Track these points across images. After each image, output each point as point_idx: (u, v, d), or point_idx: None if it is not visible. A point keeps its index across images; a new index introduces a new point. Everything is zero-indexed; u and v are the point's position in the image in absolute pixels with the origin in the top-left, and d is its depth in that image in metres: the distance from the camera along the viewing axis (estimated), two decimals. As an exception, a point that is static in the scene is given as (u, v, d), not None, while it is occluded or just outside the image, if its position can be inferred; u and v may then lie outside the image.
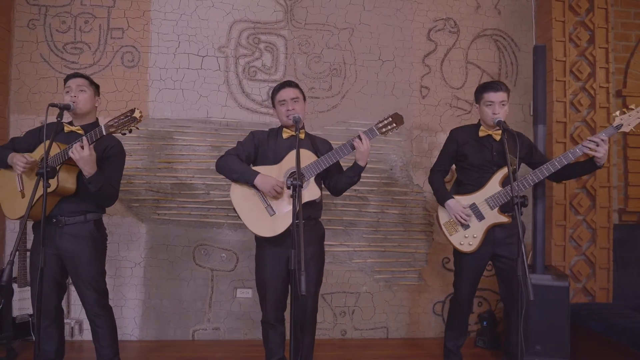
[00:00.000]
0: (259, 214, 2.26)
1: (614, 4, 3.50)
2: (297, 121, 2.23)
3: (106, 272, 2.38)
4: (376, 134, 2.31)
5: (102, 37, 3.33)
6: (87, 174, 2.11)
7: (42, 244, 1.92)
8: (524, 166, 2.66)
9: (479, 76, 3.59)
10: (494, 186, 2.50)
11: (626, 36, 3.56)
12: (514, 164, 2.28)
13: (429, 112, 3.54)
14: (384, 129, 2.31)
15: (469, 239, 2.52)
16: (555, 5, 3.35)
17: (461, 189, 2.63)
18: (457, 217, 2.51)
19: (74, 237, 2.23)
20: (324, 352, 3.09)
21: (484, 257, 2.56)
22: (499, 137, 2.51)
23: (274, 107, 2.45)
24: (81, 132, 2.26)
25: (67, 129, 2.27)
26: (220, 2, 3.41)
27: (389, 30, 3.53)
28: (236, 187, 2.32)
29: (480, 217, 2.51)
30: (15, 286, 2.93)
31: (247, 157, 2.39)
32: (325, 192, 2.45)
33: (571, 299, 3.08)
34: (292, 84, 2.41)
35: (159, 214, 3.30)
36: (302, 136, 2.30)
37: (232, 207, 2.33)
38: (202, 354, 3.07)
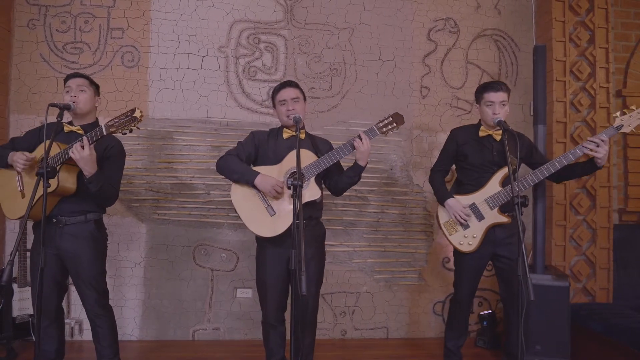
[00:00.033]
0: (260, 214, 2.26)
1: (614, 4, 3.51)
2: (297, 121, 2.23)
3: (106, 272, 2.38)
4: (376, 134, 2.30)
5: (102, 37, 3.33)
6: (87, 173, 2.11)
7: (43, 244, 1.91)
8: (524, 166, 2.66)
9: (479, 76, 3.59)
10: (494, 186, 2.50)
11: (626, 36, 3.56)
12: (514, 164, 2.27)
13: (429, 112, 3.54)
14: (384, 129, 2.30)
15: (469, 239, 2.52)
16: (555, 5, 3.35)
17: (461, 188, 2.63)
18: (456, 217, 2.52)
19: (74, 237, 2.23)
20: (324, 352, 3.09)
21: (484, 257, 2.56)
22: (499, 137, 2.51)
23: (274, 107, 2.45)
24: (81, 132, 2.26)
25: (67, 128, 2.27)
26: (220, 2, 3.41)
27: (389, 30, 3.53)
28: (237, 187, 2.31)
29: (480, 217, 2.51)
30: (15, 286, 2.93)
31: (248, 157, 2.39)
32: (325, 192, 2.45)
33: (571, 299, 3.08)
34: (293, 84, 2.40)
35: (159, 214, 3.30)
36: (302, 136, 2.30)
37: (232, 207, 2.33)
38: (202, 354, 3.07)
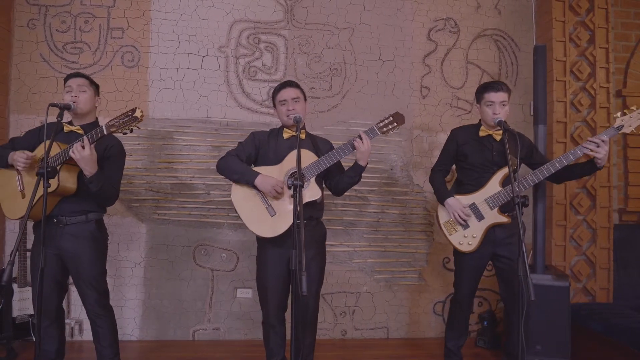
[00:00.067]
0: (260, 214, 2.26)
1: (614, 4, 3.51)
2: (297, 121, 2.23)
3: (107, 272, 2.38)
4: (377, 134, 2.30)
5: (102, 37, 3.33)
6: (87, 173, 2.11)
7: (43, 244, 1.91)
8: (524, 166, 2.66)
9: (479, 76, 3.59)
10: (494, 186, 2.50)
11: (626, 36, 3.56)
12: (515, 164, 2.27)
13: (429, 112, 3.54)
14: (384, 129, 2.30)
15: (469, 239, 2.52)
16: (555, 5, 3.35)
17: (461, 188, 2.63)
18: (456, 216, 2.51)
19: (75, 237, 2.23)
20: (325, 352, 3.08)
21: (484, 257, 2.56)
22: (499, 137, 2.50)
23: (275, 107, 2.45)
24: (81, 131, 2.26)
25: (66, 128, 2.27)
26: (220, 2, 3.40)
27: (389, 30, 3.53)
28: (237, 187, 2.31)
29: (480, 217, 2.50)
30: (15, 286, 2.93)
31: (248, 157, 2.38)
32: (325, 192, 2.45)
33: (571, 299, 3.07)
34: (293, 84, 2.40)
35: (159, 214, 3.30)
36: (302, 136, 2.31)
37: (233, 207, 2.32)
38: (202, 354, 3.06)
